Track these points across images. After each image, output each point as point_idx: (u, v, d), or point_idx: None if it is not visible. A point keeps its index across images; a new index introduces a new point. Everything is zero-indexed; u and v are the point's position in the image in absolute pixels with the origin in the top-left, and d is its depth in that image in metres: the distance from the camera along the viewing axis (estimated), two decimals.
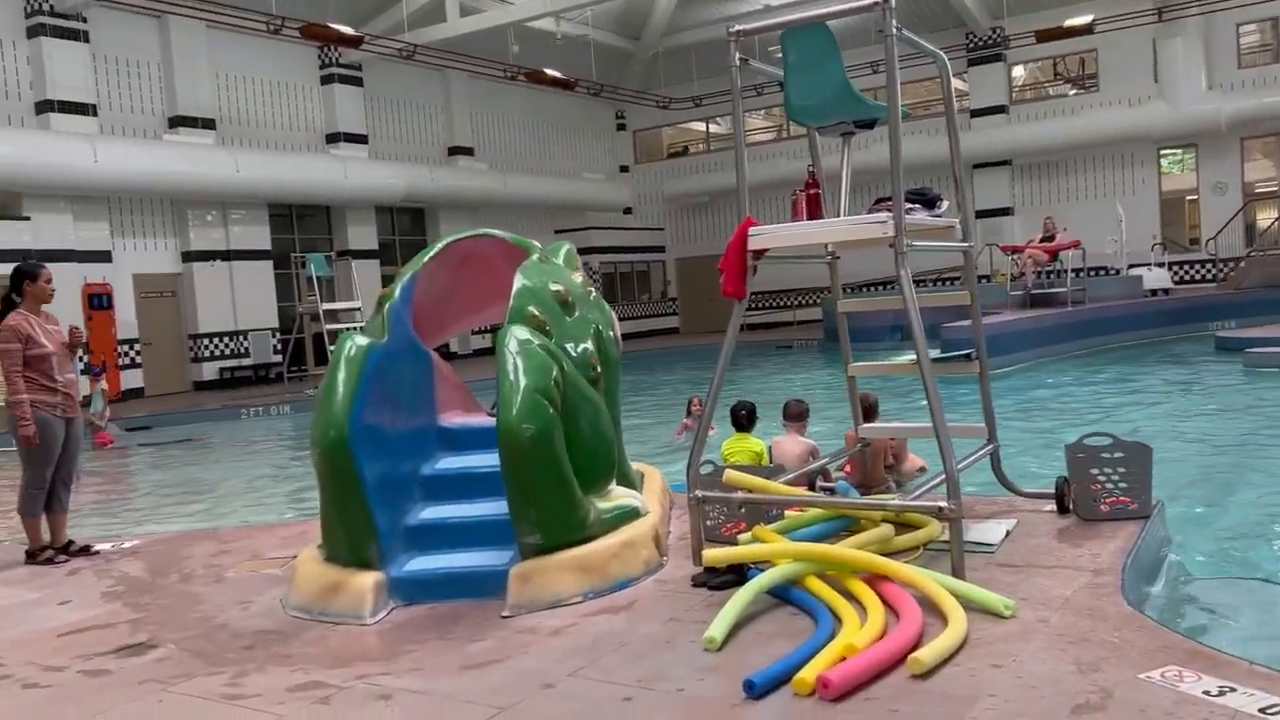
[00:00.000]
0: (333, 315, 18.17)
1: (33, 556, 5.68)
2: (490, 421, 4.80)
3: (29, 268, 5.78)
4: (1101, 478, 4.73)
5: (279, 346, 19.98)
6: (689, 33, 25.42)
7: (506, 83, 23.51)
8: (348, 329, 17.56)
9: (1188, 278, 22.30)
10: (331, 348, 16.36)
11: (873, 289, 21.18)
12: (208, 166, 18.06)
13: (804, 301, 25.86)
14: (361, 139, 21.85)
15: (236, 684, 3.54)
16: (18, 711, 3.46)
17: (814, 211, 4.55)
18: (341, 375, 4.28)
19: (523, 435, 4.03)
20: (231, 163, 18.35)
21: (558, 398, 4.21)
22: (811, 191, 4.57)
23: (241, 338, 19.63)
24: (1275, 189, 22.08)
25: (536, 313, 4.53)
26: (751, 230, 4.38)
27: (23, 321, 5.58)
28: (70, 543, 5.84)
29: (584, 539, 4.25)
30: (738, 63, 4.50)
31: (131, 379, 17.97)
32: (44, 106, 16.72)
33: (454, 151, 24.33)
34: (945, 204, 4.77)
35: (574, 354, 4.60)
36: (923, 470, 6.61)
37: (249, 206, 19.66)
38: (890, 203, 4.29)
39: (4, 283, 5.86)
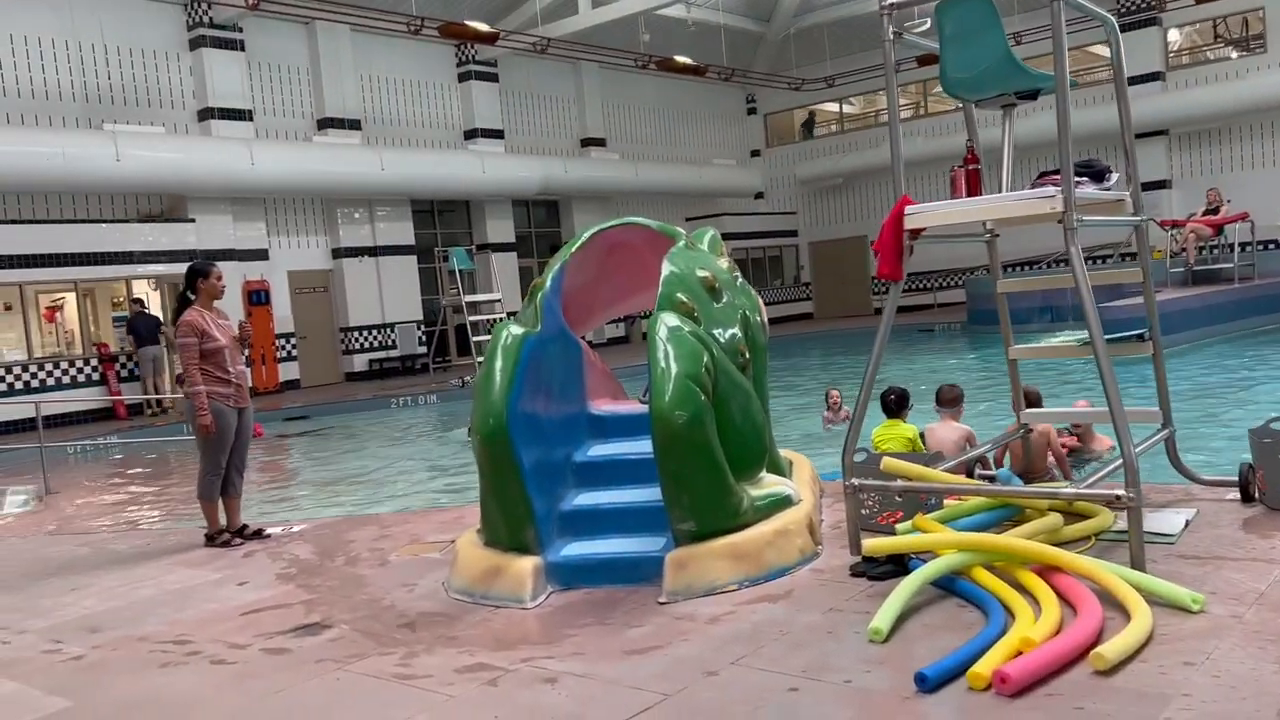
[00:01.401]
0: (474, 307, 18.64)
1: (211, 539, 6.03)
2: (639, 408, 4.84)
3: (201, 266, 6.12)
4: None
5: (423, 338, 20.65)
6: (820, 12, 24.96)
7: (636, 72, 23.60)
8: (489, 320, 18.16)
9: None
10: (474, 339, 16.94)
11: (1016, 269, 20.37)
12: (354, 166, 18.78)
13: (945, 284, 25.08)
14: (498, 134, 22.30)
15: (407, 664, 3.66)
16: (209, 687, 3.67)
17: (975, 188, 4.37)
18: (499, 364, 4.36)
19: (676, 422, 4.02)
20: (376, 161, 19.03)
21: (709, 384, 4.18)
22: (971, 167, 4.39)
23: (389, 330, 20.36)
24: None
25: (685, 299, 4.51)
26: (909, 209, 4.24)
27: (198, 317, 5.91)
28: (244, 526, 6.17)
29: (738, 526, 4.22)
30: (891, 37, 4.35)
31: (288, 371, 18.89)
32: (205, 114, 17.70)
33: (586, 143, 24.58)
34: (1115, 176, 4.52)
35: (723, 340, 4.57)
36: (1113, 449, 6.28)
37: (393, 203, 20.35)
38: (1056, 176, 4.09)
39: (179, 281, 6.21)
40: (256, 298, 18.01)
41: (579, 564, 4.33)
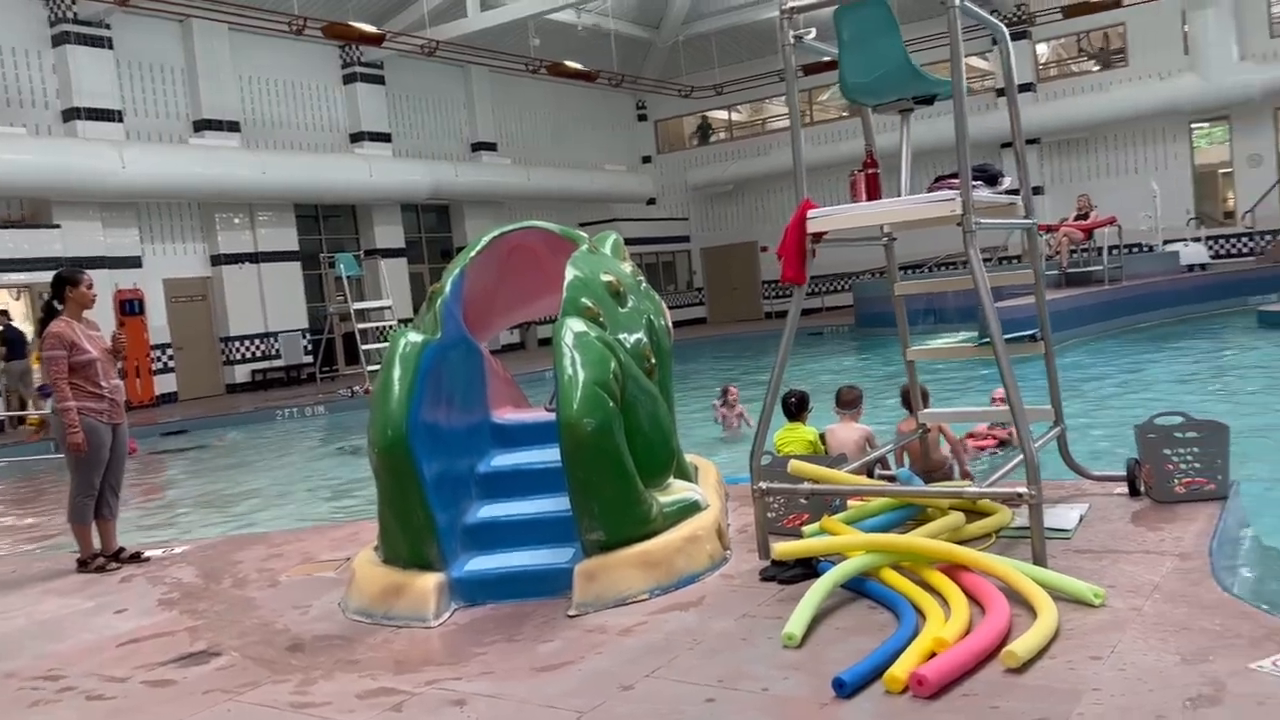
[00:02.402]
0: (363, 315, 18.16)
1: (84, 565, 5.65)
2: (543, 416, 4.73)
3: (70, 273, 5.74)
4: (1175, 458, 4.58)
5: (309, 347, 20.02)
6: (709, 20, 25.25)
7: (527, 76, 23.43)
8: (379, 328, 17.70)
9: (1225, 252, 21.92)
10: (364, 347, 16.50)
11: (910, 271, 20.96)
12: (234, 169, 18.09)
13: (833, 288, 25.62)
14: (385, 137, 21.82)
15: (304, 691, 3.47)
16: None
17: (874, 192, 4.41)
18: (397, 373, 4.19)
19: (584, 429, 3.93)
20: (257, 165, 18.37)
21: (617, 390, 4.11)
22: (871, 171, 4.43)
23: (272, 340, 19.68)
24: None
25: (590, 304, 4.43)
26: (811, 213, 4.25)
27: (66, 328, 5.54)
28: (121, 550, 5.81)
29: (648, 534, 4.15)
30: (791, 41, 4.35)
31: (165, 384, 18.05)
32: (70, 114, 16.79)
33: (477, 147, 24.27)
34: (1007, 180, 4.62)
35: (629, 345, 4.50)
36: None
37: (276, 208, 19.69)
38: (953, 180, 4.16)
39: (45, 290, 5.82)
40: (129, 307, 17.16)
41: (484, 579, 4.19)
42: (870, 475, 5.39)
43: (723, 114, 29.23)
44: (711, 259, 29.05)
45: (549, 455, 4.27)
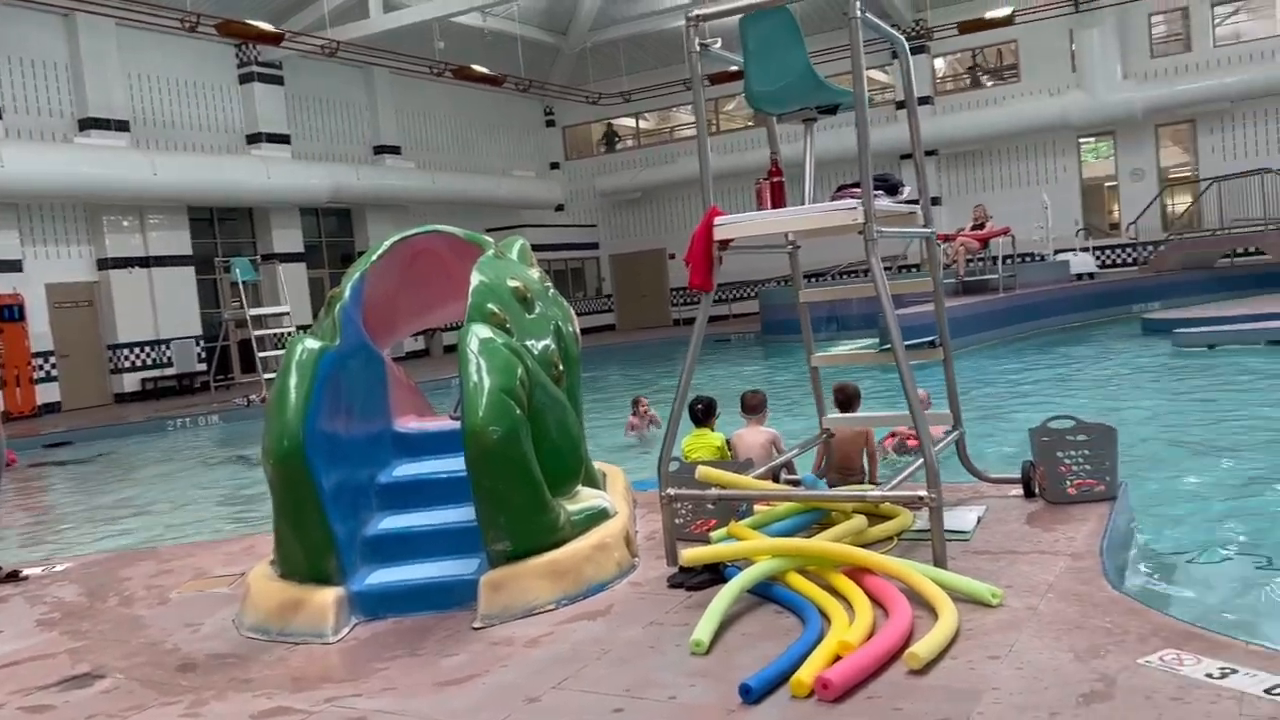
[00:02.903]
0: (260, 321, 17.65)
1: None
2: (447, 425, 4.63)
3: None
4: (1068, 461, 4.72)
5: (203, 355, 19.36)
6: (616, 28, 25.31)
7: (432, 79, 23.12)
8: (277, 334, 17.24)
9: (1111, 262, 22.89)
10: (260, 355, 16.02)
11: (813, 280, 21.30)
12: (122, 170, 17.39)
13: (740, 295, 25.92)
14: (284, 139, 21.27)
15: (195, 713, 3.31)
16: None
17: (779, 200, 4.45)
18: (293, 381, 4.06)
19: (490, 438, 3.86)
20: (148, 165, 17.70)
21: (524, 397, 4.05)
22: (775, 180, 4.47)
23: (163, 347, 18.96)
24: (1188, 174, 22.77)
25: (496, 310, 4.35)
26: (718, 220, 4.26)
27: None
28: None
29: (555, 543, 4.10)
30: (697, 48, 4.37)
31: (47, 393, 17.23)
32: None
33: (380, 150, 23.85)
34: (906, 190, 4.72)
35: (536, 351, 4.44)
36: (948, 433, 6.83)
37: (168, 211, 19.00)
38: (854, 189, 4.22)
39: None
40: (8, 313, 16.33)
41: (386, 592, 4.08)
42: (777, 480, 5.44)
43: (630, 121, 29.34)
44: (620, 266, 29.11)
45: (453, 464, 4.18)
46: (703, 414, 6.27)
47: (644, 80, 26.26)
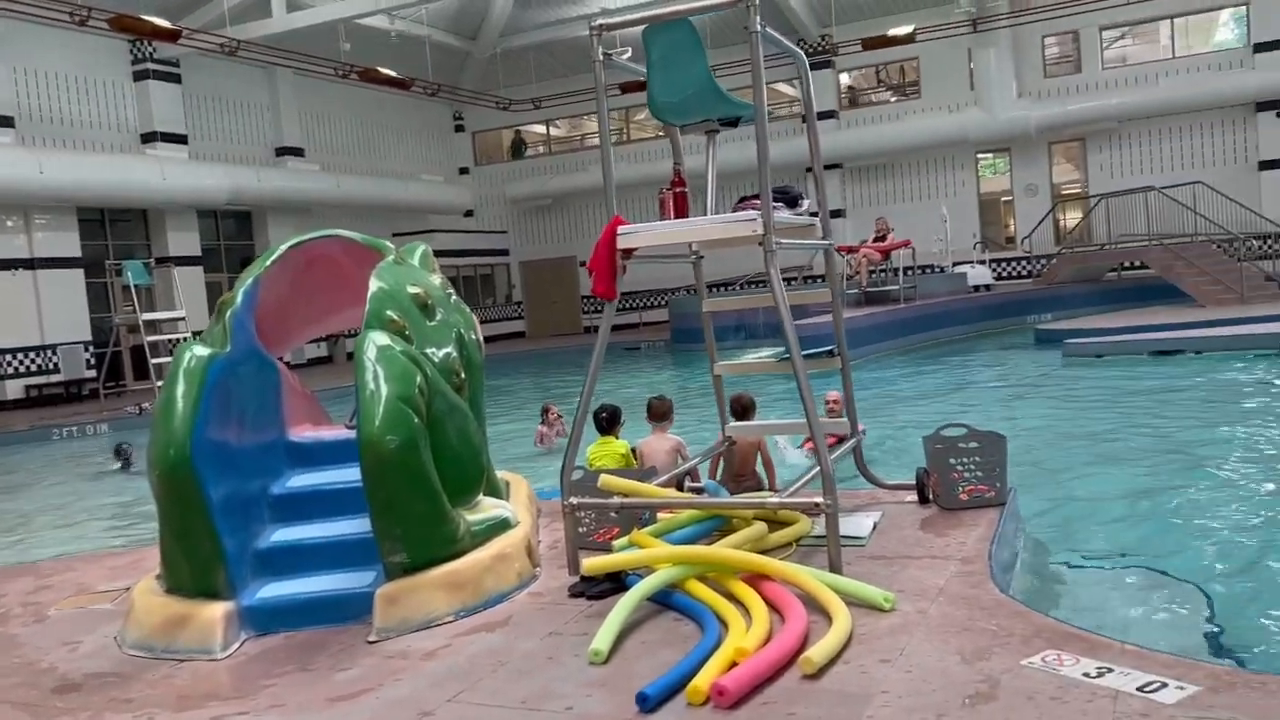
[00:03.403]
0: (154, 326, 17.05)
1: None
2: (344, 434, 4.54)
3: None
4: (959, 467, 4.86)
5: (93, 361, 18.60)
6: (527, 34, 25.23)
7: (338, 81, 22.69)
8: (172, 340, 16.67)
9: (1006, 274, 23.68)
10: (154, 361, 15.46)
11: (716, 289, 21.54)
12: (5, 168, 16.62)
13: (650, 303, 26.05)
14: (181, 139, 20.62)
15: None
16: None
17: (682, 210, 4.48)
18: (180, 389, 3.92)
19: (387, 447, 3.79)
20: (34, 163, 16.97)
21: (422, 406, 3.99)
22: (678, 190, 4.49)
23: (49, 352, 18.17)
24: (1079, 190, 23.71)
25: (395, 317, 4.28)
26: (621, 229, 4.27)
27: None
28: None
29: (454, 554, 4.04)
30: (600, 58, 4.38)
31: None
32: None
33: (282, 152, 23.29)
34: (806, 202, 4.80)
35: (437, 359, 4.38)
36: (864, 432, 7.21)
37: (55, 211, 18.23)
38: (755, 201, 4.27)
39: None
40: None
41: (278, 606, 3.97)
42: (681, 487, 5.46)
43: (541, 128, 29.25)
44: (531, 272, 28.97)
45: (350, 474, 4.09)
46: (607, 422, 6.27)
47: (554, 87, 26.22)
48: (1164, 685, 2.78)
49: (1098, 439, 8.35)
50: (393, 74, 21.55)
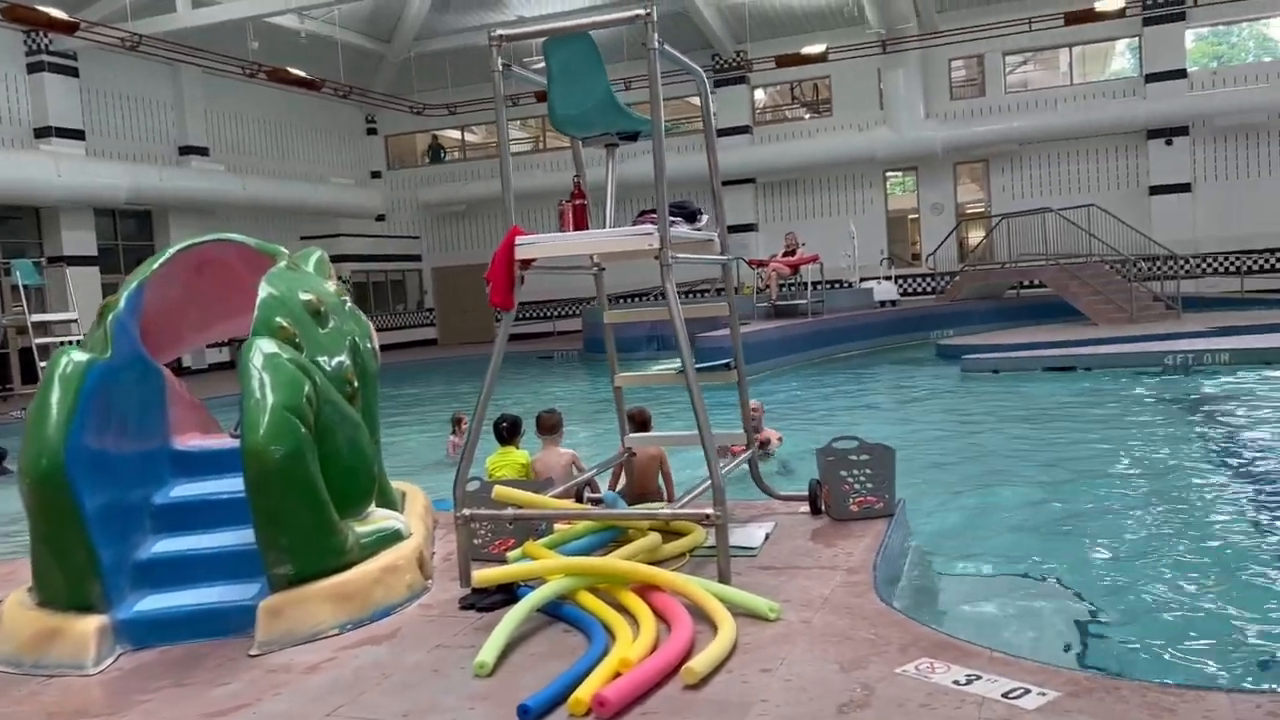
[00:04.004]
0: (44, 328, 16.39)
1: None
2: (230, 443, 4.43)
3: None
4: (850, 479, 4.97)
5: None
6: (443, 39, 25.03)
7: (246, 80, 22.16)
8: (64, 342, 16.06)
9: (912, 290, 24.30)
10: (43, 364, 14.84)
11: (633, 300, 21.62)
12: None
13: (564, 312, 26.02)
14: (78, 134, 19.89)
15: None
16: None
17: (581, 222, 4.51)
18: (55, 396, 3.79)
19: (271, 457, 3.72)
20: None
21: (310, 415, 3.92)
22: (578, 202, 4.52)
23: None
24: (982, 210, 24.47)
25: (285, 324, 4.21)
26: (519, 240, 4.28)
27: None
28: None
29: (342, 566, 3.98)
30: (500, 68, 4.39)
31: None
32: None
33: (186, 151, 22.65)
34: (705, 218, 4.87)
35: (328, 368, 4.32)
36: (781, 440, 8.44)
37: None
38: (654, 215, 4.32)
39: None
40: None
41: (156, 619, 3.85)
42: (579, 499, 5.48)
43: (456, 133, 29.02)
44: (444, 279, 28.66)
45: (236, 484, 3.99)
46: (508, 432, 6.25)
47: (470, 93, 26.03)
48: (1027, 691, 2.90)
49: (989, 452, 8.62)
50: (303, 74, 21.15)
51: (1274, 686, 3.40)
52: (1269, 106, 21.07)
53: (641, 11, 4.05)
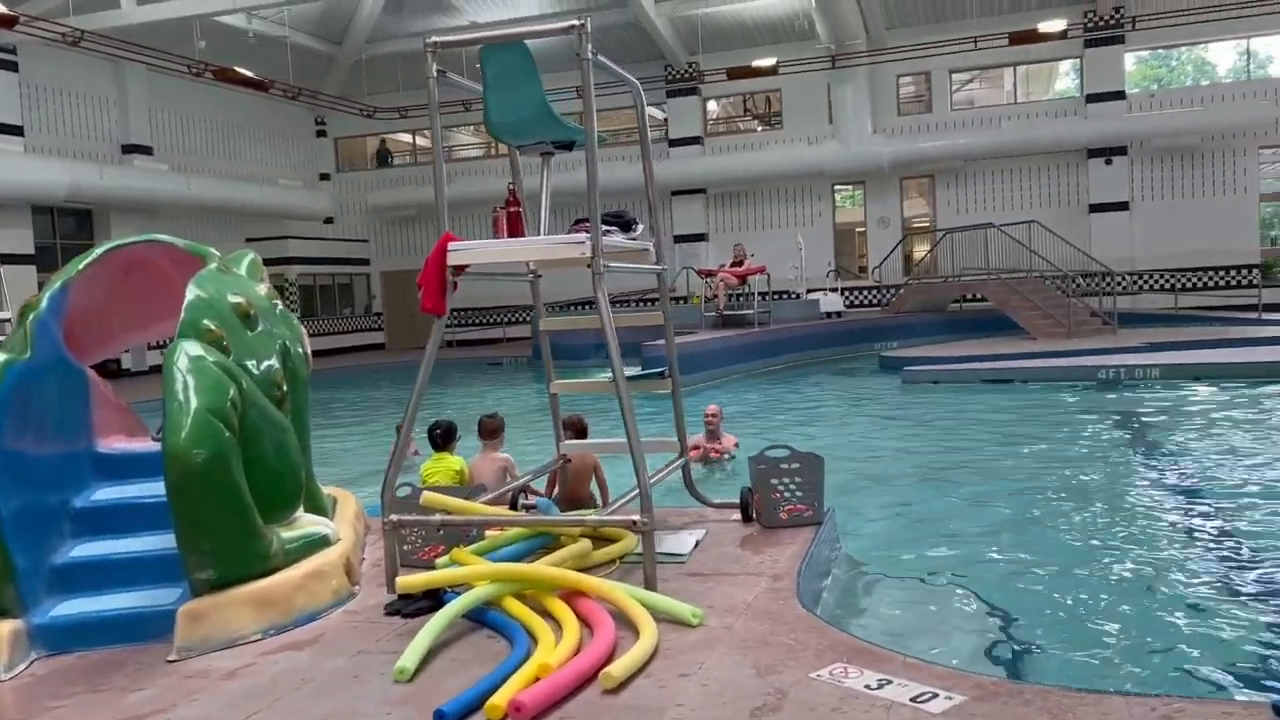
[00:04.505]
0: None
1: None
2: (155, 447, 4.38)
3: None
4: (781, 487, 5.04)
5: None
6: (395, 42, 24.86)
7: (192, 79, 21.83)
8: None
9: (858, 302, 24.59)
10: None
11: (581, 308, 21.63)
12: None
13: (514, 319, 25.94)
14: (15, 130, 19.43)
15: None
16: None
17: (515, 229, 4.53)
18: None
19: (193, 460, 3.69)
20: None
21: (234, 419, 3.90)
22: (512, 209, 4.55)
23: None
24: (927, 224, 24.85)
25: (212, 326, 4.17)
26: (451, 246, 4.29)
27: None
28: None
29: (266, 571, 3.96)
30: (435, 75, 4.40)
31: None
32: None
33: (129, 149, 22.24)
34: (641, 228, 4.92)
35: (256, 371, 4.29)
36: (737, 446, 8.73)
37: None
38: (589, 224, 4.36)
39: None
40: None
41: (73, 624, 3.80)
42: (514, 506, 5.48)
43: (407, 137, 28.84)
44: (392, 283, 28.40)
45: (159, 488, 3.96)
46: (442, 438, 6.24)
47: (421, 97, 25.73)
48: (935, 695, 2.97)
49: (925, 462, 8.76)
50: (250, 75, 20.88)
51: (1168, 690, 3.51)
52: (1204, 129, 21.68)
53: (576, 22, 4.10)
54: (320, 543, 4.33)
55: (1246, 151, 22.06)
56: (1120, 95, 22.59)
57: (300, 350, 4.83)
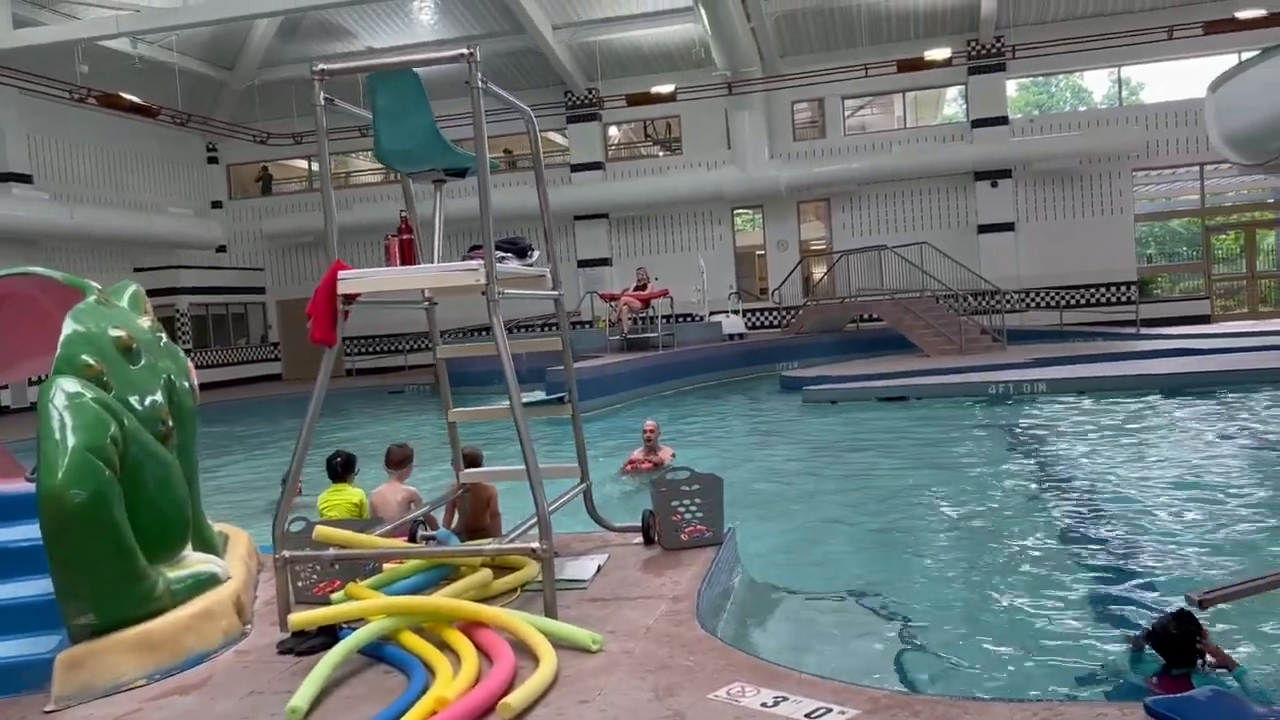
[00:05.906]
0: None
1: None
2: (27, 488, 4.20)
3: None
4: (681, 509, 5.08)
5: None
6: (288, 67, 24.39)
7: (74, 105, 21.06)
8: None
9: (759, 324, 24.98)
10: None
11: (481, 334, 21.46)
12: None
13: (416, 346, 25.59)
14: None
15: None
16: None
17: (408, 257, 4.49)
18: None
19: (70, 502, 3.54)
20: None
21: (115, 457, 3.76)
22: (405, 237, 4.51)
23: None
24: (824, 247, 25.43)
25: (91, 362, 4.02)
26: (342, 274, 4.23)
27: None
28: None
29: (150, 614, 3.82)
30: (322, 102, 4.35)
31: None
32: None
33: (7, 178, 21.28)
34: (536, 253, 4.93)
35: (139, 407, 4.15)
36: (674, 457, 9.03)
37: None
38: (484, 250, 4.35)
39: None
40: None
41: None
42: (413, 536, 5.40)
43: (303, 163, 28.30)
44: (289, 312, 27.72)
45: (34, 531, 3.79)
46: (341, 468, 6.12)
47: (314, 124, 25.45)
48: (829, 710, 3.03)
49: (824, 479, 8.94)
50: (136, 100, 20.26)
51: (1049, 695, 3.65)
52: (1082, 153, 22.72)
53: (465, 51, 4.11)
54: (209, 581, 4.20)
55: (1122, 174, 23.19)
56: (1004, 120, 23.53)
57: (186, 384, 4.69)
